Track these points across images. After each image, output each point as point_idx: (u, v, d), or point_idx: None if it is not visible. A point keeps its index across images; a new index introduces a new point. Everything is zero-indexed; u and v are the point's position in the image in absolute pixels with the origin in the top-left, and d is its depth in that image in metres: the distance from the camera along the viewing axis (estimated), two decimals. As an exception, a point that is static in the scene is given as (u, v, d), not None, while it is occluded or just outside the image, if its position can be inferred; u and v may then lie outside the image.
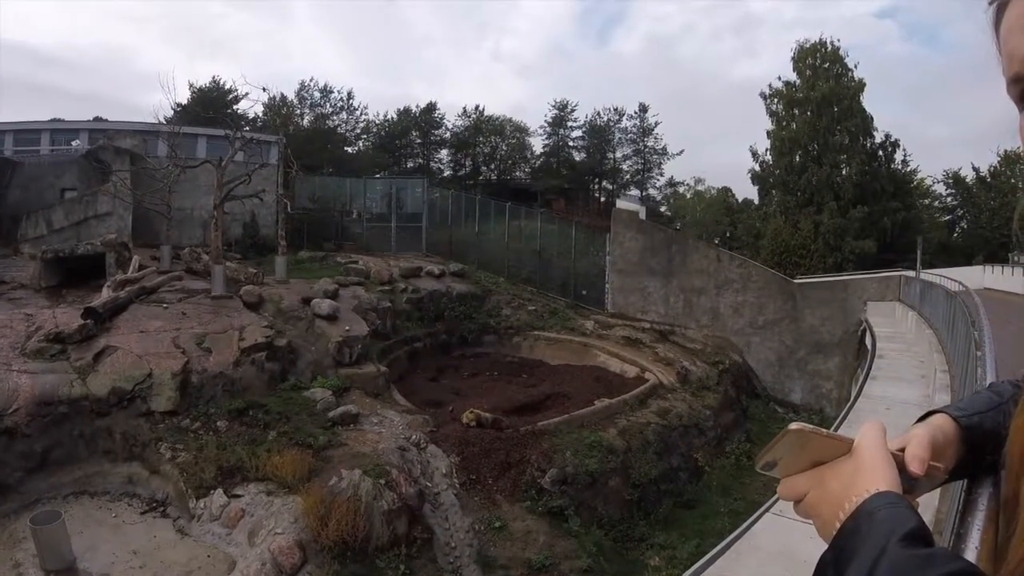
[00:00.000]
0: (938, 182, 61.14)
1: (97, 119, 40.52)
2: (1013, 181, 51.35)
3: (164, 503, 13.94)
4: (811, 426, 0.95)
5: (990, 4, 0.87)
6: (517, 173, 69.46)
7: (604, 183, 70.75)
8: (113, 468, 14.57)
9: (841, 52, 51.34)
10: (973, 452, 1.17)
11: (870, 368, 17.48)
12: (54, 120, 38.97)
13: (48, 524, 11.13)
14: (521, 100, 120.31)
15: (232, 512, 12.88)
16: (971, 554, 0.98)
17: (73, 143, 36.57)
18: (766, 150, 54.14)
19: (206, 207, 30.40)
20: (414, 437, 16.34)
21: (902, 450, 1.03)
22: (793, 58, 52.69)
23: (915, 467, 0.99)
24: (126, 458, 14.72)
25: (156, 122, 31.56)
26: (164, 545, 12.42)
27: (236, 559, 11.82)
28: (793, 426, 0.95)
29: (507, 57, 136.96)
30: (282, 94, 61.27)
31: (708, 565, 7.67)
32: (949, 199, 61.57)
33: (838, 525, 0.86)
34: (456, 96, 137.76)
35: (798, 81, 52.16)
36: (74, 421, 14.57)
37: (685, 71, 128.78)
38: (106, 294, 19.39)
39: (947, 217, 61.49)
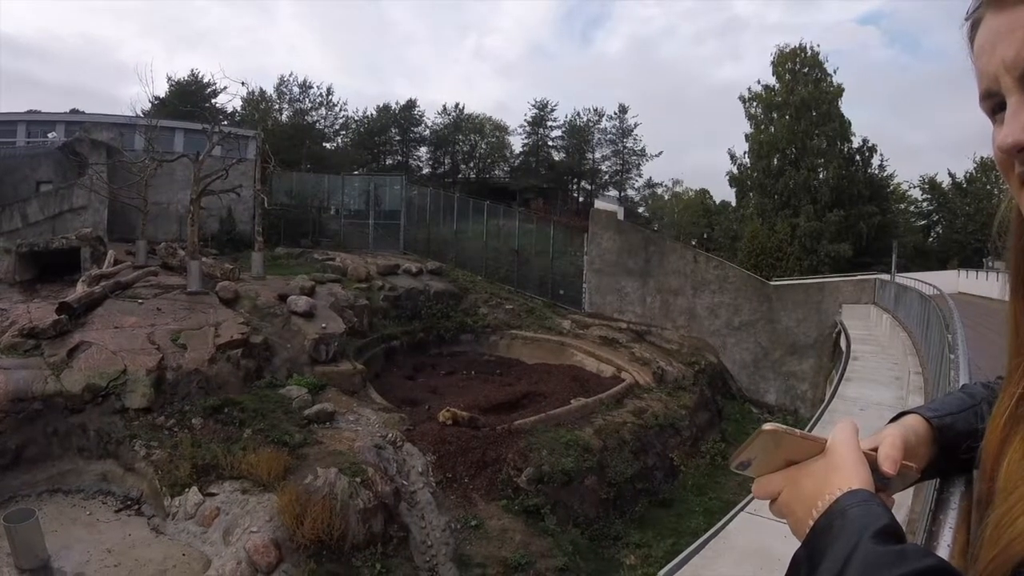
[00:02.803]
0: (914, 187, 61.88)
1: (74, 111, 40.07)
2: (989, 187, 52.03)
3: (139, 501, 13.81)
4: (784, 426, 0.97)
5: (966, 20, 0.89)
6: (496, 172, 69.49)
7: (583, 183, 70.95)
8: (87, 466, 14.41)
9: (820, 57, 51.78)
10: (945, 452, 1.20)
11: (845, 370, 17.63)
12: (30, 112, 38.43)
13: (22, 522, 10.99)
14: (503, 99, 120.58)
15: (207, 510, 12.79)
16: (943, 552, 1.01)
17: (49, 135, 36.14)
18: (744, 153, 54.51)
19: (182, 202, 30.16)
20: (390, 435, 16.31)
21: (875, 450, 1.05)
22: (773, 62, 53.03)
23: (887, 466, 1.02)
24: (100, 456, 14.56)
25: (133, 115, 31.25)
26: (139, 543, 12.31)
27: (211, 558, 11.74)
28: (767, 426, 0.96)
29: (489, 56, 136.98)
30: (261, 89, 61.06)
31: (683, 563, 7.72)
32: (925, 204, 62.28)
33: (811, 523, 0.87)
34: (437, 94, 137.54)
35: (777, 85, 52.48)
36: (48, 418, 14.40)
37: (667, 73, 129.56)
38: (81, 289, 19.19)
39: (923, 222, 62.13)
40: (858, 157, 52.27)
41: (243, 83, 55.49)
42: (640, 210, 71.14)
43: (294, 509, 12.14)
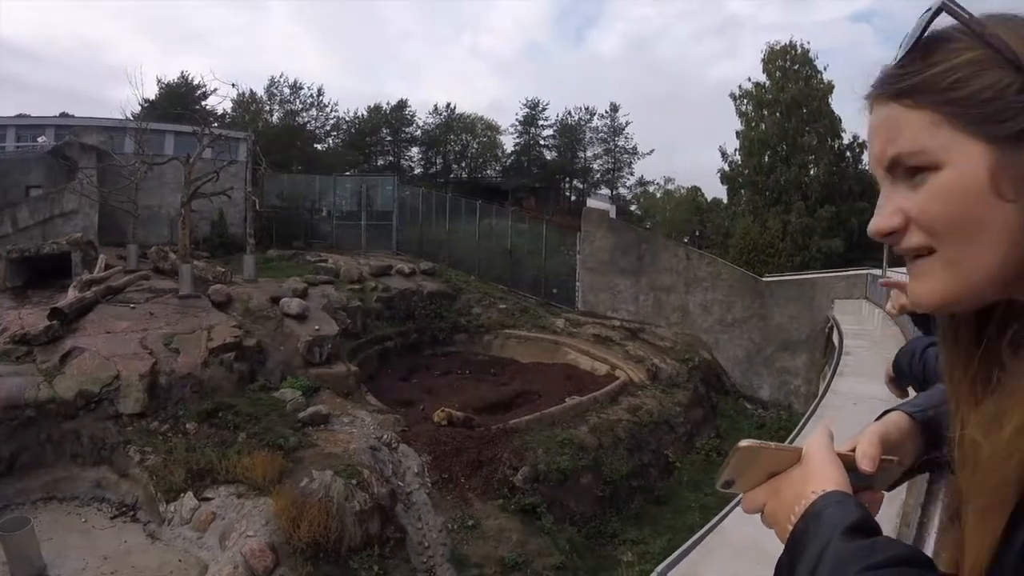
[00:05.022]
0: (905, 183, 62.11)
1: (63, 115, 39.91)
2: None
3: (134, 507, 13.78)
4: (759, 441, 0.99)
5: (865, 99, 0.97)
6: (488, 171, 69.47)
7: (575, 182, 71.01)
8: (81, 472, 14.37)
9: (811, 55, 51.86)
10: (933, 446, 1.22)
11: (837, 365, 17.65)
12: (19, 116, 38.29)
13: (17, 531, 10.96)
14: (498, 97, 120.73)
15: (203, 515, 12.77)
16: (930, 542, 1.03)
17: (39, 139, 35.96)
18: (735, 150, 54.55)
19: (173, 205, 30.05)
20: (385, 437, 16.32)
21: (855, 450, 1.07)
22: (763, 60, 53.08)
23: (865, 464, 1.04)
24: (94, 462, 14.52)
25: (123, 118, 31.15)
26: (135, 550, 12.29)
27: (208, 563, 11.73)
28: (742, 443, 0.98)
29: (485, 55, 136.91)
30: (251, 90, 60.84)
31: (680, 560, 7.72)
32: (915, 199, 62.49)
33: (791, 528, 0.90)
34: (432, 94, 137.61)
35: (768, 82, 52.53)
36: (41, 425, 14.35)
37: (662, 72, 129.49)
38: (72, 294, 19.11)
39: (913, 217, 62.33)
40: (848, 153, 52.36)
41: (233, 84, 55.39)
42: (632, 208, 71.22)
43: (290, 512, 12.13)
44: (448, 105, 67.94)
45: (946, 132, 0.84)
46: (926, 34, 0.88)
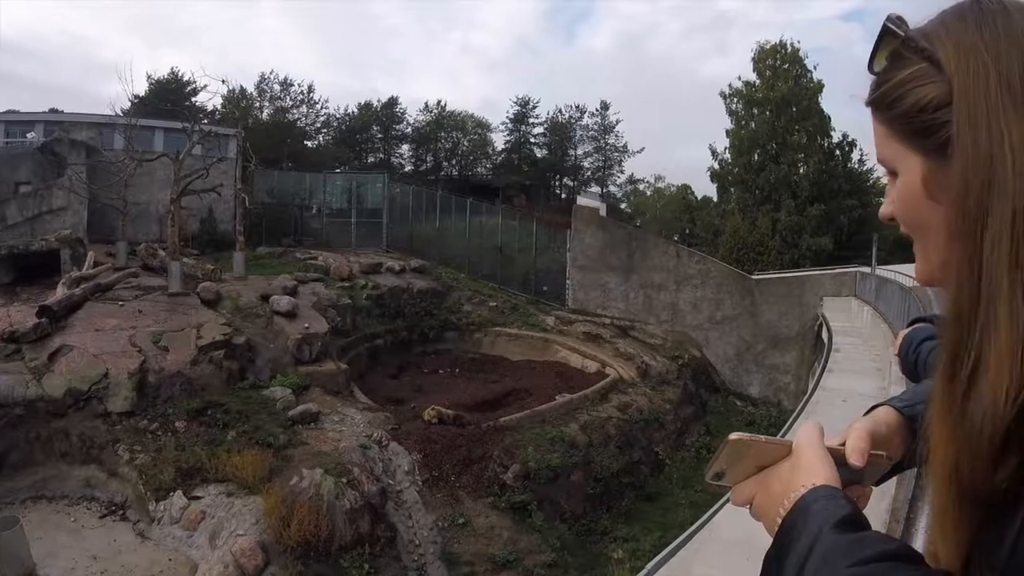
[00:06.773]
0: (893, 180, 62.29)
1: (53, 110, 39.59)
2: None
3: (123, 506, 13.75)
4: (749, 435, 0.99)
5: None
6: (478, 169, 69.24)
7: (565, 180, 70.88)
8: (71, 471, 14.34)
9: (801, 53, 51.94)
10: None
11: (827, 361, 17.77)
12: (9, 111, 38.01)
13: (6, 530, 10.92)
14: (489, 95, 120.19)
15: (192, 514, 12.75)
16: (919, 536, 1.04)
17: (28, 135, 35.74)
18: (725, 148, 54.55)
19: (163, 202, 29.80)
20: (375, 435, 16.30)
21: (844, 445, 1.07)
22: (753, 59, 53.10)
23: (855, 458, 1.04)
24: (83, 461, 14.48)
25: (113, 114, 30.95)
26: (124, 549, 12.27)
27: (198, 562, 11.73)
28: (732, 436, 0.98)
29: (475, 52, 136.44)
30: (241, 87, 60.37)
31: (670, 556, 7.77)
32: (904, 197, 62.69)
33: (779, 521, 0.90)
34: (422, 91, 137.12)
35: (758, 81, 52.57)
36: (30, 423, 14.31)
37: (652, 69, 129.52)
38: (61, 292, 19.04)
39: (902, 214, 62.55)
40: (838, 152, 52.53)
41: (223, 81, 54.81)
42: (622, 206, 71.21)
43: (280, 511, 12.12)
44: (439, 102, 67.78)
45: (893, 143, 0.93)
46: (878, 51, 0.95)
